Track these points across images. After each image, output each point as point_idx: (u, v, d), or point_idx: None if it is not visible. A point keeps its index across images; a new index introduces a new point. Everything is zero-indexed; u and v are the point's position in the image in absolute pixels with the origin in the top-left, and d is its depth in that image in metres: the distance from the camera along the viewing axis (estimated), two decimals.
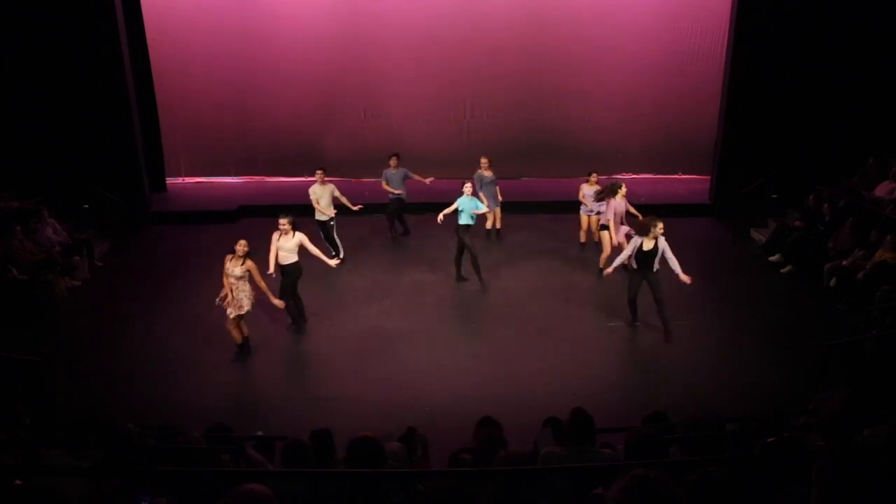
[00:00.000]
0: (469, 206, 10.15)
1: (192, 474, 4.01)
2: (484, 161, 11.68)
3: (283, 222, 8.92)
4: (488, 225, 12.18)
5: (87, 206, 12.30)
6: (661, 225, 8.79)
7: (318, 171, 11.12)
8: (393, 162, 11.89)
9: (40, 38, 12.00)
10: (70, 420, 5.42)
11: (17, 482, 3.52)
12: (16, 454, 4.60)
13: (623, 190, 10.43)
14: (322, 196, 11.02)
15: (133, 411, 6.84)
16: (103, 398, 7.77)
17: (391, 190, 11.88)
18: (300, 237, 9.01)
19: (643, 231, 8.82)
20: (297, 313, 9.37)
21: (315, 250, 9.11)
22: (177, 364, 8.71)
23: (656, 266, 8.84)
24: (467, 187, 10.25)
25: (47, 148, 12.44)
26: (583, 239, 11.81)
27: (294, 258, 9.04)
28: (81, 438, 4.82)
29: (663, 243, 8.78)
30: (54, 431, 5.41)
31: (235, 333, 8.62)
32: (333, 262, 9.38)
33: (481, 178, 11.57)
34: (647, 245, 8.78)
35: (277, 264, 9.03)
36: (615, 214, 10.35)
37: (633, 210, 10.61)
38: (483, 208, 10.37)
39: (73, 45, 12.07)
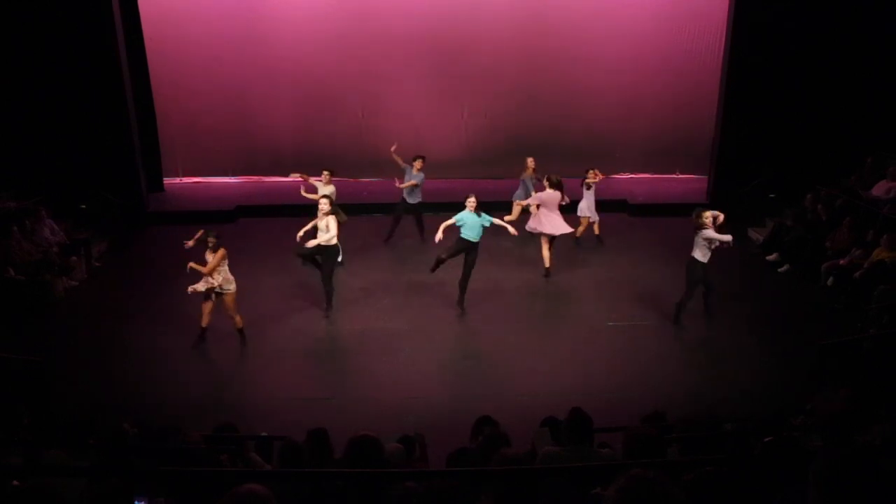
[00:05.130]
0: (472, 220, 9.46)
1: (191, 474, 4.01)
2: (530, 161, 12.09)
3: (325, 202, 9.32)
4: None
5: (84, 206, 12.29)
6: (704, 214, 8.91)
7: (325, 172, 11.12)
8: (418, 164, 11.60)
9: (37, 38, 11.98)
10: (68, 420, 5.41)
11: (15, 483, 3.51)
12: (14, 454, 4.59)
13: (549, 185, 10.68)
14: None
15: (131, 411, 6.82)
16: (101, 398, 7.76)
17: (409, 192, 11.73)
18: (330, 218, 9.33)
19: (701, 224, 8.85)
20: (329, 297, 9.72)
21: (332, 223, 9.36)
22: (175, 364, 8.71)
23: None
24: (470, 201, 9.50)
25: (45, 148, 12.42)
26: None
27: (332, 239, 9.32)
28: (80, 439, 4.82)
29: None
30: (53, 431, 5.40)
31: (208, 317, 8.81)
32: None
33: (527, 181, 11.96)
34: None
35: (319, 245, 9.31)
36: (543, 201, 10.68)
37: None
38: (495, 221, 9.57)
39: (71, 45, 12.05)
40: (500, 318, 9.75)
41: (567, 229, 10.78)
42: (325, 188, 11.00)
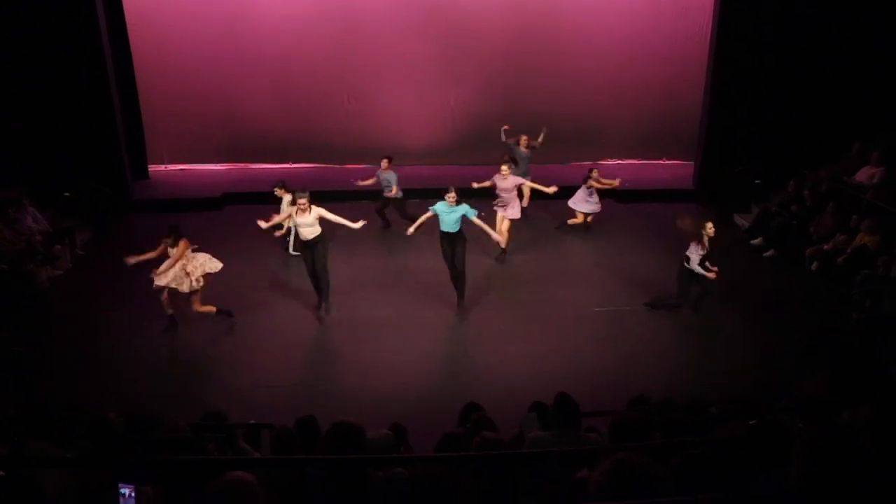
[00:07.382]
0: (449, 213, 9.17)
1: (178, 463, 3.99)
2: (524, 138, 12.23)
3: (302, 200, 8.93)
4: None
5: (68, 194, 12.15)
6: (709, 225, 8.95)
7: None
8: (384, 164, 11.67)
9: (19, 24, 11.78)
10: (53, 410, 5.37)
11: (1, 473, 3.49)
12: None
13: (505, 170, 10.79)
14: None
15: (117, 401, 6.79)
16: (87, 388, 7.71)
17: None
18: (319, 210, 9.09)
19: (697, 236, 8.87)
20: (327, 288, 9.44)
21: (337, 218, 9.16)
22: (161, 353, 8.68)
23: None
24: (451, 196, 9.16)
25: (27, 135, 12.25)
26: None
27: (318, 230, 9.14)
28: (65, 429, 4.79)
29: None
30: (38, 422, 5.36)
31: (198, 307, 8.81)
32: (358, 225, 9.27)
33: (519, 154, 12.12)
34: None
35: (300, 241, 9.30)
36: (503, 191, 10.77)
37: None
38: (472, 215, 9.18)
39: (53, 31, 11.85)
40: (487, 304, 9.76)
41: (518, 215, 10.92)
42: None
